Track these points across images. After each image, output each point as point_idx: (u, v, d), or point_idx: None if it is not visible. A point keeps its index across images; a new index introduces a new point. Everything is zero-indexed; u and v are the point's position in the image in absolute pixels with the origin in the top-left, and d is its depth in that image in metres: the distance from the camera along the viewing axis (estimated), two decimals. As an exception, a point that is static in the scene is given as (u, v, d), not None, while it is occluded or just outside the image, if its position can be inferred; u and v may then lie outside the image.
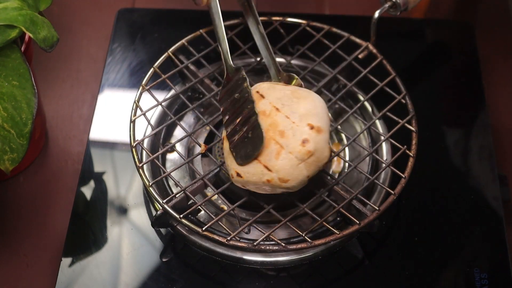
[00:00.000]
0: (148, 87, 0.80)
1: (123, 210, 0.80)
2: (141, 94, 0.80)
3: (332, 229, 0.72)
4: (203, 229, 0.72)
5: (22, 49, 0.78)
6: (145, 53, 0.93)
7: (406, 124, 0.79)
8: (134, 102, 0.79)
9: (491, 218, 0.80)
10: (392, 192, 0.74)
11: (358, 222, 0.72)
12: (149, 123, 0.79)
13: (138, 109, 0.79)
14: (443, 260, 0.77)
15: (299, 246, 0.71)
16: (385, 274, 0.76)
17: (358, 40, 0.85)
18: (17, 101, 0.73)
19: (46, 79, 0.98)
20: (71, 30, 1.03)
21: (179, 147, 0.84)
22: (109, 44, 0.94)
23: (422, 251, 0.77)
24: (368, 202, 0.74)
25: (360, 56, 0.84)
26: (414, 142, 0.78)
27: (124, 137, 0.84)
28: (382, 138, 0.80)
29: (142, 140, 0.78)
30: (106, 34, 0.99)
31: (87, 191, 0.82)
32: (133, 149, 0.76)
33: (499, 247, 0.77)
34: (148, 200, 0.81)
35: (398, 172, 0.76)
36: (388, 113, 0.79)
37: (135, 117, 0.79)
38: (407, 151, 0.77)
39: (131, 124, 0.78)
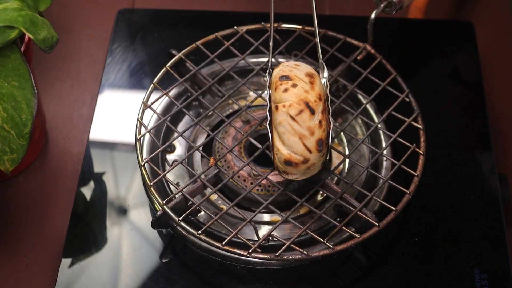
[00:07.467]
0: (150, 105, 0.79)
1: (123, 211, 0.80)
2: (143, 111, 0.79)
3: (353, 234, 0.71)
4: (199, 232, 0.71)
5: (22, 49, 0.78)
6: (145, 54, 0.93)
7: (413, 122, 0.78)
8: (138, 120, 0.78)
9: (491, 218, 0.80)
10: (407, 191, 0.74)
11: (377, 224, 0.72)
12: (154, 139, 0.78)
13: (143, 127, 0.78)
14: (443, 261, 0.77)
15: (321, 253, 0.70)
16: (385, 274, 0.76)
17: (355, 42, 0.85)
18: (17, 101, 0.73)
19: (46, 79, 0.98)
20: (71, 31, 1.03)
21: (183, 155, 0.83)
22: (109, 44, 0.94)
23: (422, 252, 0.77)
24: (384, 203, 0.74)
25: (358, 58, 0.84)
26: (422, 139, 0.78)
27: (124, 138, 0.84)
28: (384, 137, 0.79)
29: (151, 158, 0.76)
30: (106, 35, 0.99)
31: (87, 191, 0.82)
32: (142, 168, 0.75)
33: (499, 247, 0.77)
34: (148, 200, 0.81)
35: (410, 170, 0.75)
36: (393, 112, 0.79)
37: (140, 135, 0.77)
38: (417, 149, 0.77)
39: (137, 142, 0.77)
